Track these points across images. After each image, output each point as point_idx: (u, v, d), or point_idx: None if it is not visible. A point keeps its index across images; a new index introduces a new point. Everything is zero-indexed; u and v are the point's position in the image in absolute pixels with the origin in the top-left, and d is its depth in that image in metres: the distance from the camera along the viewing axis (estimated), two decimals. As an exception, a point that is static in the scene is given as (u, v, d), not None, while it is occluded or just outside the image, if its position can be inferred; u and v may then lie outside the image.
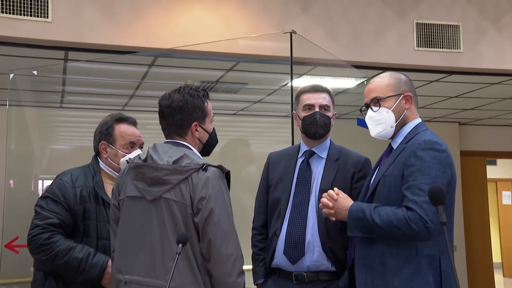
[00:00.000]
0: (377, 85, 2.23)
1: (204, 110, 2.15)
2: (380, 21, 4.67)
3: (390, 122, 2.17)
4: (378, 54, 4.62)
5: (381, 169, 2.18)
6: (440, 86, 5.44)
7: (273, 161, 2.65)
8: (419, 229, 1.96)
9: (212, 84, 5.03)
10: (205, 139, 2.17)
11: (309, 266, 2.37)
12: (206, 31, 4.20)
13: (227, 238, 1.97)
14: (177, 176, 1.99)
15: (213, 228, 1.94)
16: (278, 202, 2.51)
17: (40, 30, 3.83)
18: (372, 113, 2.20)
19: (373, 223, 2.02)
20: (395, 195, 2.07)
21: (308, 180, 2.49)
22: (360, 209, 2.08)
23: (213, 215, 1.95)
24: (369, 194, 2.16)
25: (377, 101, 2.19)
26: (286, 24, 4.26)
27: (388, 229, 2.01)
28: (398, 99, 2.19)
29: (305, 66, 4.47)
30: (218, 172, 2.02)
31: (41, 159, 4.73)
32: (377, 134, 2.21)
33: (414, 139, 2.12)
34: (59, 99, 5.34)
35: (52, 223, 2.37)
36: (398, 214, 2.00)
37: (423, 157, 2.02)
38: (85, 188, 2.46)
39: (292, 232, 2.42)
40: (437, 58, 4.71)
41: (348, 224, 2.11)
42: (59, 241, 2.34)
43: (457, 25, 4.76)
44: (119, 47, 4.06)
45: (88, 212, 2.42)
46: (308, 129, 2.51)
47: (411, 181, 2.01)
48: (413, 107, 2.23)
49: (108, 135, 2.57)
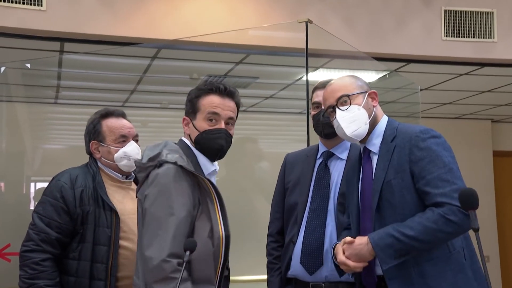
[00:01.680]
0: (341, 85, 2.25)
1: (194, 105, 2.16)
2: (404, 8, 4.66)
3: (363, 119, 2.18)
4: (401, 44, 4.62)
5: (376, 176, 2.14)
6: (470, 80, 5.41)
7: (290, 163, 2.66)
8: (461, 220, 1.95)
9: (220, 78, 5.05)
10: (194, 137, 2.16)
11: (328, 276, 2.37)
12: (213, 21, 4.22)
13: (154, 240, 1.93)
14: (142, 173, 2.11)
15: (145, 227, 1.98)
16: (295, 207, 2.52)
17: (34, 19, 3.87)
18: (342, 112, 2.19)
19: (409, 240, 1.98)
20: (409, 197, 2.06)
21: (327, 184, 2.49)
22: (384, 235, 2.02)
23: (148, 213, 1.99)
24: (375, 206, 2.11)
25: (347, 98, 2.20)
26: (300, 13, 4.27)
27: (428, 237, 1.98)
28: (365, 96, 2.23)
29: (321, 58, 4.48)
30: (172, 169, 2.00)
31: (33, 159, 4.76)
32: (352, 132, 2.18)
33: (402, 133, 2.14)
34: (54, 94, 5.38)
35: (47, 239, 2.43)
36: (429, 216, 1.98)
37: (428, 147, 2.05)
38: (85, 189, 2.49)
39: (309, 240, 2.42)
40: (468, 48, 4.69)
41: (379, 257, 2.03)
42: (44, 272, 2.41)
43: (491, 12, 4.73)
44: (119, 38, 4.09)
45: (87, 215, 2.45)
46: (315, 128, 2.55)
47: (427, 175, 2.02)
48: (378, 106, 2.28)
49: (96, 133, 2.60)
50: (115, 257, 2.44)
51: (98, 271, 2.43)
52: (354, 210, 2.23)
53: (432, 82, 5.55)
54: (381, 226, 2.09)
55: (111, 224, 2.46)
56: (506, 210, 7.31)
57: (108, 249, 2.44)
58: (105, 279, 2.43)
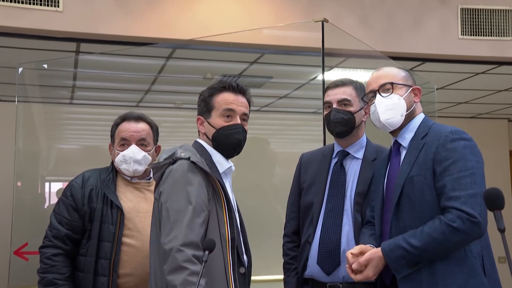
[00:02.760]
0: (388, 72, 2.27)
1: (208, 103, 2.20)
2: (420, 7, 4.64)
3: (401, 110, 2.20)
4: (417, 44, 4.59)
5: (402, 171, 2.16)
6: (487, 79, 5.37)
7: (305, 162, 2.66)
8: (468, 228, 1.94)
9: (234, 78, 5.06)
10: (210, 134, 2.19)
11: (345, 276, 2.36)
12: (227, 21, 4.23)
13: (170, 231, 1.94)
14: (157, 173, 2.13)
15: (162, 221, 1.99)
16: (311, 206, 2.52)
17: (50, 20, 3.91)
18: (381, 98, 2.22)
19: (417, 251, 1.99)
20: (429, 196, 2.06)
21: (342, 183, 2.49)
22: (395, 246, 2.04)
23: (163, 208, 2.01)
24: (396, 200, 2.13)
25: (391, 86, 2.22)
26: (314, 12, 4.26)
27: (436, 247, 1.98)
28: (409, 89, 2.24)
29: (335, 57, 4.47)
30: (186, 164, 2.03)
31: (48, 159, 4.81)
32: (386, 120, 2.21)
33: (433, 132, 2.13)
34: (69, 94, 5.43)
35: (58, 235, 2.56)
36: (436, 226, 1.98)
37: (454, 148, 2.04)
38: (94, 188, 2.61)
39: (326, 240, 2.42)
40: (485, 47, 4.66)
41: (392, 268, 2.06)
42: (55, 266, 2.53)
43: (508, 10, 4.69)
44: (134, 38, 4.12)
45: (94, 212, 2.57)
46: (328, 128, 2.55)
47: (447, 176, 2.01)
48: (419, 103, 2.28)
49: (111, 135, 2.72)
50: (118, 253, 2.52)
51: (102, 267, 2.52)
52: (379, 202, 2.24)
53: (448, 81, 5.51)
54: (397, 221, 2.12)
55: (116, 221, 2.54)
56: (523, 211, 7.24)
57: (112, 245, 2.52)
58: (108, 275, 2.51)
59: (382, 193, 2.24)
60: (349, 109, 2.50)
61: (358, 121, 2.52)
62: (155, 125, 2.75)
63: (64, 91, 5.32)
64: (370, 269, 2.10)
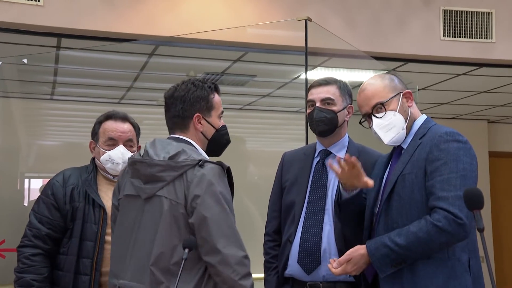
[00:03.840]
0: (374, 90, 2.25)
1: (209, 102, 2.18)
2: (403, 8, 4.67)
3: (400, 124, 2.21)
4: (400, 44, 4.62)
5: (396, 168, 2.18)
6: (468, 80, 5.42)
7: (287, 162, 2.66)
8: (454, 230, 1.95)
9: (217, 76, 5.04)
10: (210, 134, 2.19)
11: (325, 276, 2.38)
12: (211, 18, 4.21)
13: (227, 239, 1.97)
14: (171, 172, 2.01)
15: (210, 230, 1.95)
16: (292, 205, 2.52)
17: (31, 14, 3.85)
18: (378, 120, 2.22)
19: (402, 250, 2.01)
20: (419, 195, 2.06)
21: (324, 183, 2.49)
22: (380, 244, 2.06)
23: (209, 215, 1.96)
24: (386, 196, 2.15)
25: (382, 106, 2.21)
26: (299, 11, 4.26)
27: (421, 247, 1.99)
28: (400, 98, 2.23)
29: (319, 56, 4.48)
30: (216, 169, 2.02)
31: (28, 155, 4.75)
32: (390, 140, 2.23)
33: (430, 133, 2.14)
34: (50, 90, 5.36)
35: (38, 235, 2.53)
36: (422, 226, 1.99)
37: (447, 149, 2.04)
38: (76, 187, 2.59)
39: (306, 239, 2.43)
40: (466, 49, 4.70)
41: (376, 266, 2.08)
42: (33, 267, 2.50)
43: (489, 12, 4.74)
44: (116, 35, 4.08)
45: (76, 211, 2.55)
46: (310, 126, 2.55)
47: (437, 177, 2.01)
48: (414, 105, 2.28)
49: (94, 133, 2.70)
50: (101, 252, 2.52)
51: (84, 265, 2.52)
52: (372, 196, 2.25)
53: (430, 82, 5.55)
54: (386, 217, 2.14)
55: (98, 220, 2.54)
56: (502, 211, 7.34)
57: (94, 244, 2.52)
58: (90, 273, 2.51)
59: (378, 188, 2.25)
60: (332, 108, 2.49)
61: (341, 121, 2.52)
62: (137, 125, 2.75)
63: (45, 87, 5.26)
64: (349, 265, 2.13)
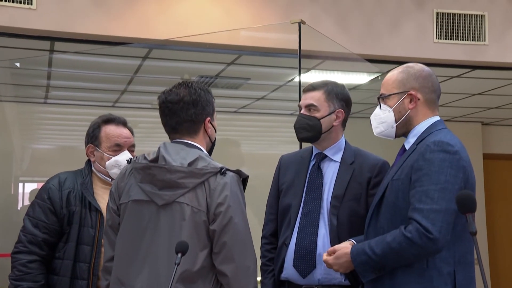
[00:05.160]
0: (386, 80, 2.27)
1: (213, 105, 2.21)
2: (397, 11, 4.68)
3: (390, 122, 2.21)
4: (394, 46, 4.63)
5: (390, 173, 2.19)
6: (461, 82, 5.44)
7: (284, 164, 2.66)
8: (424, 243, 1.93)
9: (211, 79, 5.04)
10: (214, 137, 2.22)
11: (320, 279, 2.38)
12: (205, 21, 4.21)
13: (246, 249, 2.00)
14: (193, 179, 1.99)
15: (232, 238, 1.97)
16: (288, 209, 2.52)
17: (24, 17, 3.84)
18: (377, 109, 2.26)
19: (378, 258, 2.02)
20: (403, 202, 2.05)
21: (319, 186, 2.49)
22: (361, 250, 2.07)
23: (232, 223, 1.97)
24: (377, 201, 2.15)
25: (383, 98, 2.23)
26: (292, 14, 4.27)
27: (395, 256, 2.00)
28: (402, 97, 2.20)
29: (313, 59, 4.49)
30: (236, 178, 2.06)
31: (22, 159, 4.74)
32: (378, 133, 2.27)
33: (426, 139, 2.11)
34: (44, 94, 5.36)
35: (34, 241, 2.49)
36: (396, 236, 1.99)
37: (431, 160, 2.00)
38: (72, 191, 2.57)
39: (302, 243, 2.43)
40: (459, 51, 4.72)
41: (358, 271, 2.10)
42: (30, 274, 2.46)
43: (482, 15, 4.76)
44: (110, 38, 4.07)
45: (73, 215, 2.53)
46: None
47: (418, 187, 2.00)
48: (421, 107, 2.20)
49: (94, 137, 2.66)
50: (98, 256, 2.50)
51: (81, 270, 2.49)
52: (375, 199, 2.24)
53: (424, 84, 5.56)
54: (376, 221, 2.15)
55: (95, 224, 2.52)
56: (496, 214, 7.35)
57: (92, 248, 2.50)
58: (87, 278, 2.49)
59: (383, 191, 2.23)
60: (315, 115, 2.49)
61: (327, 126, 2.49)
62: (132, 129, 2.76)
63: (38, 90, 5.24)
64: (331, 258, 2.18)
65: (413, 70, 2.26)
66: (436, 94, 2.27)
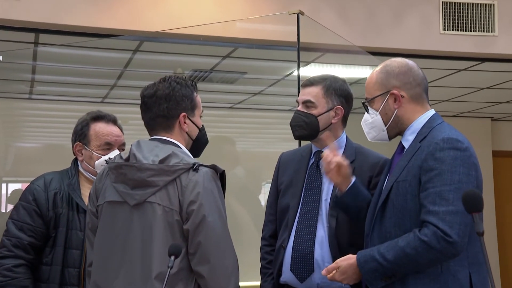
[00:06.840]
0: (367, 83, 2.25)
1: (193, 100, 2.18)
2: (401, 0, 4.68)
3: (380, 125, 2.20)
4: (397, 38, 4.63)
5: (393, 173, 2.15)
6: (470, 76, 5.44)
7: (283, 163, 2.65)
8: (442, 246, 1.92)
9: (205, 73, 5.03)
10: (195, 134, 2.19)
11: (320, 284, 2.37)
12: (199, 12, 4.20)
13: (222, 248, 1.98)
14: (164, 177, 1.99)
15: (207, 237, 1.95)
16: (287, 209, 2.51)
17: (6, 8, 3.82)
18: (366, 115, 2.25)
19: (390, 265, 1.99)
20: (412, 204, 2.03)
21: (318, 186, 2.48)
22: (370, 257, 2.05)
23: (206, 222, 1.95)
24: (381, 203, 2.13)
25: (368, 103, 2.22)
26: (291, 4, 4.25)
27: (409, 262, 1.98)
28: (385, 98, 2.19)
29: (312, 52, 4.48)
30: (210, 173, 2.03)
31: (5, 158, 4.73)
32: (372, 138, 2.26)
33: (430, 136, 2.09)
34: (28, 89, 5.35)
35: (20, 244, 2.47)
36: (410, 241, 1.97)
37: (442, 159, 1.99)
38: (58, 192, 2.54)
39: (299, 246, 2.42)
40: (467, 43, 4.71)
41: (366, 279, 2.07)
42: (16, 279, 2.43)
43: (491, 4, 4.75)
44: (98, 30, 4.06)
45: (59, 218, 2.50)
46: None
47: (430, 188, 1.98)
48: (408, 104, 2.19)
49: (83, 135, 2.64)
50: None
51: (71, 275, 2.47)
52: (374, 201, 2.22)
53: (430, 78, 5.54)
54: (380, 226, 2.12)
55: (84, 227, 2.47)
56: (506, 212, 7.37)
57: (81, 253, 2.48)
58: (78, 283, 2.46)
59: (379, 193, 2.22)
60: (312, 112, 2.47)
61: (325, 124, 2.48)
62: (121, 126, 2.75)
63: (22, 85, 5.24)
64: (337, 273, 2.13)
65: (391, 67, 2.23)
66: (421, 88, 2.24)
